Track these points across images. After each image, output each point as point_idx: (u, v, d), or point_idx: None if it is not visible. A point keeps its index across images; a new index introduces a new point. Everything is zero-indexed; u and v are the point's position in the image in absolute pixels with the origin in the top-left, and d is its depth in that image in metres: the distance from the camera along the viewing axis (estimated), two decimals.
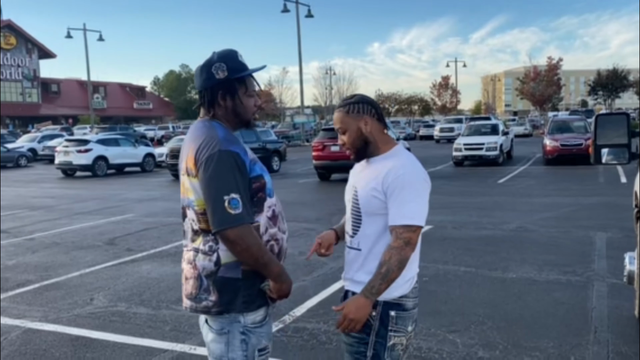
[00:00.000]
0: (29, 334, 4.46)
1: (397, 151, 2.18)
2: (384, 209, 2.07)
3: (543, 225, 8.20)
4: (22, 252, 7.56)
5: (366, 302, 2.01)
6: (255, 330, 2.08)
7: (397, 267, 2.01)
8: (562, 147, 18.02)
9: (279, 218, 2.17)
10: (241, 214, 1.95)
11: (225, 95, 2.10)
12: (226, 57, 2.10)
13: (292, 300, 5.03)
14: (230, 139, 2.04)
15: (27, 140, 32.25)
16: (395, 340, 2.09)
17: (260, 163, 2.13)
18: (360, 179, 2.19)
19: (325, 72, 59.25)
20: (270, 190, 2.13)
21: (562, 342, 3.93)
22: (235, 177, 1.96)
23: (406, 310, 2.11)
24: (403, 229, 2.02)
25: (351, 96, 2.23)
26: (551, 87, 52.60)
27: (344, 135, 2.18)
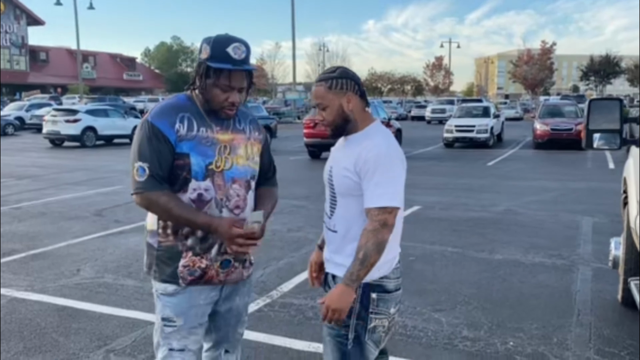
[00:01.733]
0: (14, 304, 4.44)
1: (374, 129, 2.11)
2: (358, 190, 2.02)
3: (530, 209, 8.27)
4: (9, 221, 7.50)
5: (347, 289, 1.96)
6: (162, 297, 2.18)
7: (375, 250, 1.95)
8: (552, 131, 18.10)
9: (209, 204, 2.11)
10: (143, 182, 2.06)
11: (200, 76, 2.10)
12: (217, 42, 2.06)
13: (280, 276, 5.06)
14: (162, 112, 2.10)
15: (15, 108, 31.75)
16: (376, 323, 2.06)
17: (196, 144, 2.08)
18: (336, 158, 2.14)
19: (319, 49, 58.82)
20: (199, 174, 2.08)
21: (546, 324, 3.98)
22: (147, 147, 2.05)
23: (388, 292, 2.07)
24: (378, 211, 1.96)
25: (332, 69, 2.12)
26: (544, 71, 52.69)
27: (323, 112, 2.09)
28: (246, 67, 2.08)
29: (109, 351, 3.58)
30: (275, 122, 21.10)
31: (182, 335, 2.17)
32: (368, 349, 2.07)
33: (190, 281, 2.13)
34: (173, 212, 2.05)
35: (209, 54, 2.05)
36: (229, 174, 2.14)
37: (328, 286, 2.16)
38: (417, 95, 71.99)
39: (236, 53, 2.05)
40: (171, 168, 2.08)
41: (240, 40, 2.08)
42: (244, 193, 2.19)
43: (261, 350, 3.60)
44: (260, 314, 4.22)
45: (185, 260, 2.12)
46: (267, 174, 2.37)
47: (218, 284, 2.20)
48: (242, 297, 2.33)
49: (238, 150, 2.18)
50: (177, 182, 2.10)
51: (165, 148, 2.05)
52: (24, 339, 3.77)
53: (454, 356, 3.51)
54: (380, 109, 17.22)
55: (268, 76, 57.40)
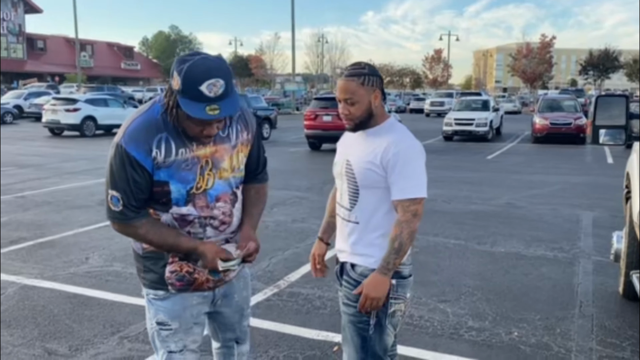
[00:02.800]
0: (26, 290, 4.50)
1: (392, 124, 2.18)
2: (382, 182, 2.10)
3: (531, 202, 8.35)
4: (14, 209, 7.55)
5: (383, 278, 2.07)
6: (154, 302, 2.13)
7: (409, 239, 2.06)
8: (552, 125, 18.17)
9: (192, 223, 2.03)
10: (118, 213, 1.95)
11: (172, 103, 1.90)
12: (188, 77, 1.79)
13: (287, 266, 5.13)
14: (137, 137, 1.90)
15: (13, 96, 31.63)
16: (395, 307, 2.16)
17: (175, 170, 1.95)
18: (353, 152, 2.17)
19: (318, 40, 58.61)
20: (180, 200, 1.99)
21: (549, 315, 4.07)
22: (120, 176, 1.91)
23: (404, 277, 2.17)
24: (409, 202, 2.07)
25: (360, 65, 2.14)
26: (542, 65, 52.68)
27: (351, 107, 2.10)
28: (221, 114, 1.85)
29: (122, 337, 3.65)
30: (275, 113, 21.09)
31: (180, 337, 2.14)
32: (388, 332, 2.18)
33: (180, 287, 2.08)
34: (154, 242, 2.00)
35: (180, 87, 1.82)
36: (212, 193, 2.04)
37: (347, 275, 2.21)
38: (415, 88, 71.97)
39: (211, 91, 1.80)
40: (150, 193, 1.97)
41: (216, 74, 1.81)
42: (229, 208, 2.10)
43: (271, 338, 3.67)
44: (269, 303, 4.30)
45: (172, 266, 2.06)
46: (256, 170, 2.26)
47: (209, 290, 2.15)
48: (240, 293, 2.30)
49: (221, 164, 2.05)
50: (157, 204, 2.01)
51: (141, 177, 1.92)
52: (39, 325, 3.84)
53: (460, 345, 3.59)
54: None
55: (267, 67, 57.21)
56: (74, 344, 3.56)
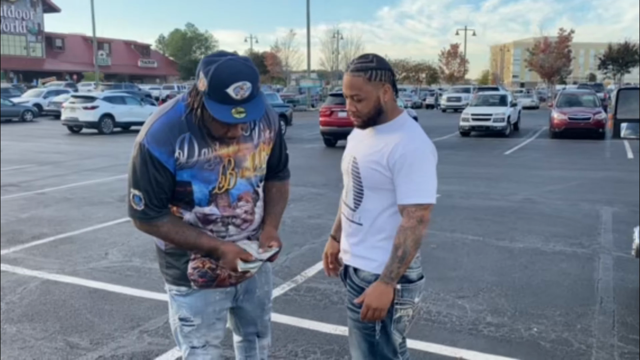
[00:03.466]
0: (47, 285, 4.57)
1: (403, 121, 2.05)
2: (389, 184, 1.99)
3: (549, 198, 8.27)
4: (35, 205, 7.66)
5: (386, 288, 1.96)
6: (177, 298, 2.14)
7: (414, 247, 1.95)
8: (570, 120, 17.95)
9: (215, 223, 2.04)
10: (140, 212, 1.96)
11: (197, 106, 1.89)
12: (216, 79, 1.78)
13: (304, 262, 5.15)
14: (160, 137, 1.89)
15: (33, 95, 32.11)
16: (401, 313, 2.06)
17: (197, 170, 1.95)
18: (360, 149, 2.07)
19: (333, 36, 58.45)
20: (202, 200, 1.99)
21: (569, 311, 4.03)
22: (143, 175, 1.91)
23: (411, 281, 2.06)
24: (415, 207, 1.94)
25: (368, 58, 1.99)
26: (561, 59, 51.93)
27: (358, 104, 1.98)
28: (247, 118, 1.83)
29: (142, 332, 3.69)
30: (290, 110, 21.17)
31: (202, 333, 2.15)
32: (394, 337, 2.09)
33: (202, 284, 2.08)
34: (175, 240, 2.01)
35: (206, 89, 1.80)
36: (234, 192, 2.04)
37: (350, 279, 2.13)
38: (431, 84, 71.56)
39: (238, 94, 1.79)
40: (172, 193, 1.98)
41: (243, 77, 1.79)
42: (251, 206, 2.10)
43: (290, 332, 3.69)
44: (287, 297, 4.31)
45: (195, 262, 2.06)
46: (277, 168, 2.25)
47: (230, 285, 2.15)
48: (261, 288, 2.31)
49: (243, 163, 2.04)
50: (180, 203, 2.02)
51: (163, 177, 1.92)
52: (60, 319, 3.90)
53: (479, 341, 3.57)
54: None
55: (282, 64, 57.23)
56: (94, 338, 3.61)
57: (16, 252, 5.49)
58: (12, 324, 3.83)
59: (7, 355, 3.38)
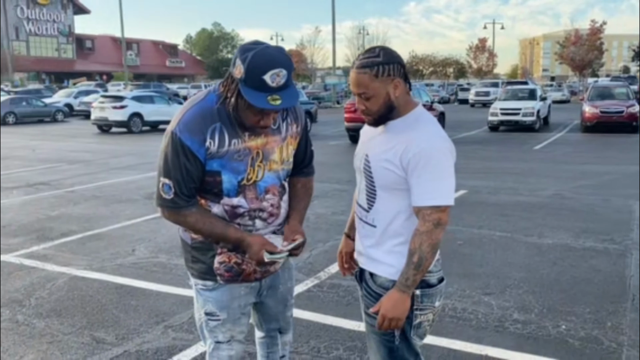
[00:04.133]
0: (75, 281, 4.65)
1: (418, 117, 1.92)
2: (403, 184, 1.87)
3: (580, 193, 8.08)
4: (64, 203, 7.81)
5: (403, 296, 1.86)
6: (203, 292, 2.14)
7: (431, 253, 1.84)
8: (602, 114, 17.54)
9: (242, 217, 2.04)
10: (169, 201, 1.97)
11: (232, 93, 1.89)
12: (253, 66, 1.79)
13: (327, 258, 5.13)
14: (191, 126, 1.91)
15: (64, 95, 32.80)
16: (421, 319, 1.97)
17: (227, 160, 1.95)
18: (373, 145, 1.96)
19: (359, 32, 58.30)
20: (231, 191, 1.99)
21: (599, 308, 3.93)
22: (174, 164, 1.92)
23: (431, 286, 1.96)
24: (431, 210, 1.83)
25: (374, 52, 1.86)
26: (592, 51, 50.78)
27: (367, 102, 1.88)
28: (283, 105, 1.84)
29: (167, 327, 3.72)
30: (315, 107, 21.13)
31: (227, 328, 2.16)
32: (414, 342, 2.01)
33: (228, 278, 2.09)
34: (202, 231, 2.01)
35: (243, 76, 1.81)
36: (262, 185, 2.04)
37: (366, 284, 2.04)
38: (459, 78, 70.74)
39: (274, 81, 1.80)
40: (201, 183, 1.98)
41: (280, 64, 1.80)
42: (277, 200, 2.10)
43: (312, 328, 3.67)
44: (310, 294, 4.30)
45: (221, 257, 2.07)
46: (303, 163, 2.25)
47: (255, 280, 2.16)
48: (284, 284, 2.30)
49: (271, 155, 2.05)
50: (208, 194, 2.02)
51: (193, 166, 1.92)
52: (87, 314, 3.96)
53: (505, 338, 3.50)
54: (422, 92, 17.02)
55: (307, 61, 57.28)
56: (120, 333, 3.65)
57: (46, 249, 5.61)
58: (41, 319, 3.90)
59: (36, 349, 3.45)
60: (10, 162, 12.37)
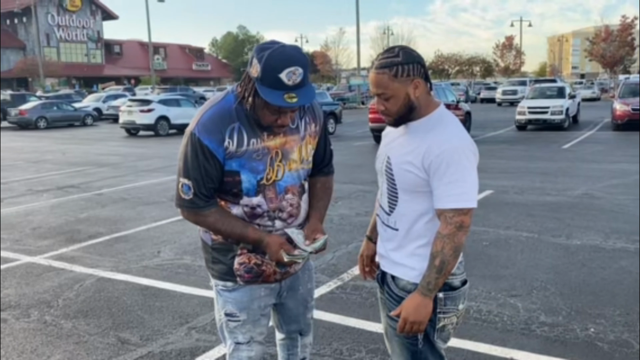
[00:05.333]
0: (102, 282, 4.72)
1: (440, 117, 1.89)
2: (425, 186, 1.85)
3: (610, 192, 7.89)
4: (92, 206, 7.95)
5: (424, 300, 1.84)
6: (223, 293, 2.15)
7: (453, 256, 1.81)
8: (634, 111, 17.09)
9: (261, 217, 2.04)
10: (189, 201, 1.98)
11: (249, 93, 1.90)
12: (269, 64, 1.80)
13: (350, 259, 5.10)
14: (210, 126, 1.92)
15: (93, 100, 33.46)
16: (444, 322, 1.94)
17: (246, 160, 1.96)
18: (394, 147, 1.95)
19: (383, 32, 58.10)
20: (250, 190, 1.99)
21: (629, 311, 3.82)
22: (193, 164, 1.93)
23: (454, 289, 1.93)
24: (453, 212, 1.80)
25: (394, 52, 1.84)
26: (624, 48, 49.70)
27: (386, 102, 1.86)
28: (299, 102, 1.84)
29: (190, 328, 3.75)
30: (340, 108, 21.07)
31: (247, 329, 2.16)
32: (438, 345, 1.99)
33: (248, 279, 2.09)
34: (222, 231, 2.02)
35: (260, 74, 1.82)
36: (282, 184, 2.04)
37: (388, 287, 2.02)
38: (486, 77, 69.89)
39: (290, 79, 1.81)
40: (220, 184, 1.99)
41: (296, 62, 1.81)
42: (297, 200, 2.10)
43: (335, 330, 3.66)
44: (333, 295, 4.29)
45: (241, 258, 2.07)
46: (322, 162, 2.25)
47: (275, 282, 2.16)
48: (304, 285, 2.30)
49: (291, 155, 2.05)
50: (227, 195, 2.02)
51: (212, 166, 1.93)
52: (113, 315, 4.01)
53: (531, 341, 3.43)
54: (447, 91, 16.86)
55: (332, 62, 57.33)
56: (144, 334, 3.69)
57: (74, 250, 5.71)
58: (68, 319, 3.97)
59: (62, 349, 3.51)
60: (41, 165, 12.65)
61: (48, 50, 57.63)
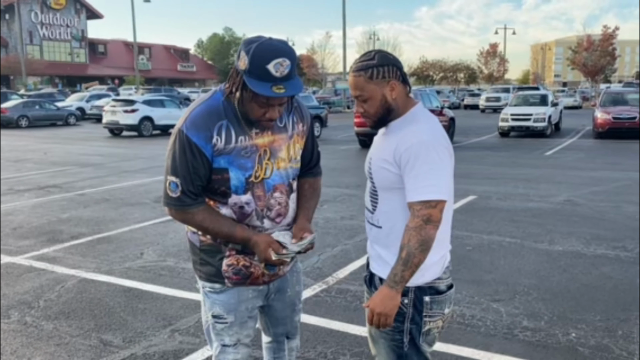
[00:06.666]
0: (84, 283, 4.67)
1: (415, 114, 1.92)
2: (400, 183, 1.86)
3: (592, 199, 8.00)
4: (74, 206, 7.86)
5: (391, 292, 1.83)
6: (210, 295, 2.13)
7: (419, 249, 1.79)
8: (614, 120, 17.38)
9: (250, 217, 2.04)
10: (176, 199, 1.96)
11: (237, 86, 1.91)
12: (257, 55, 1.81)
13: (336, 263, 5.11)
14: (199, 123, 1.92)
15: (76, 99, 33.11)
16: (430, 325, 1.96)
17: (234, 157, 1.96)
18: (375, 147, 2.00)
19: (369, 37, 58.27)
20: (239, 188, 1.99)
21: (610, 316, 3.88)
22: (181, 162, 1.92)
23: (441, 293, 1.95)
24: (421, 205, 1.79)
25: (370, 55, 1.89)
26: (605, 57, 50.40)
27: (364, 104, 1.91)
28: (287, 93, 1.85)
29: (174, 331, 3.72)
30: (325, 112, 21.12)
31: (234, 331, 2.15)
32: (424, 349, 2.00)
33: (236, 281, 2.09)
34: (209, 229, 2.01)
35: (247, 66, 1.83)
36: (270, 182, 2.04)
37: (375, 287, 2.02)
38: (470, 84, 70.49)
39: (278, 70, 1.82)
40: (208, 182, 1.98)
41: (283, 54, 1.83)
42: (285, 199, 2.10)
43: (319, 334, 3.65)
44: (317, 299, 4.28)
45: (229, 260, 2.07)
46: (310, 163, 2.26)
47: (263, 284, 2.16)
48: (292, 288, 2.30)
49: (279, 153, 2.06)
50: (216, 194, 2.02)
51: (200, 164, 1.93)
52: (95, 317, 3.97)
53: (514, 346, 3.46)
54: (432, 97, 16.98)
55: (318, 66, 57.34)
56: (127, 336, 3.65)
57: (56, 251, 5.64)
58: (49, 320, 3.92)
59: (43, 351, 3.46)
60: (22, 164, 12.49)
61: (31, 48, 56.89)
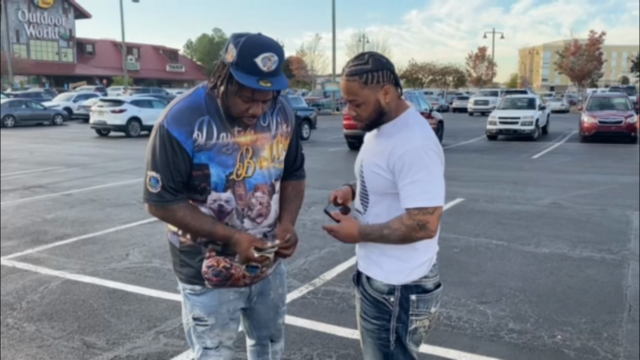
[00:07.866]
0: (68, 285, 4.61)
1: (407, 119, 1.92)
2: (393, 188, 1.87)
3: (578, 202, 8.06)
4: (60, 206, 7.78)
5: (357, 237, 1.94)
6: (190, 297, 2.11)
7: (397, 240, 1.87)
8: (601, 124, 17.55)
9: (230, 215, 2.01)
10: (156, 195, 1.93)
11: (222, 80, 1.89)
12: (245, 48, 1.81)
13: (323, 265, 5.09)
14: (180, 118, 1.90)
15: (63, 99, 32.81)
16: (417, 324, 1.96)
17: (215, 153, 1.94)
18: (367, 150, 2.00)
19: (359, 40, 58.43)
20: (219, 185, 1.97)
21: (595, 319, 3.90)
22: (161, 157, 1.90)
23: (427, 291, 1.96)
24: (418, 211, 1.82)
25: (363, 59, 1.87)
26: (591, 62, 50.88)
27: (358, 108, 1.90)
28: (273, 87, 1.85)
29: (158, 332, 3.68)
30: (314, 114, 21.10)
31: (216, 333, 2.12)
32: (410, 348, 2.00)
33: (216, 283, 2.06)
34: (190, 227, 1.98)
35: (235, 59, 1.82)
36: (251, 182, 2.02)
37: (362, 287, 2.04)
38: (459, 87, 70.84)
39: (265, 65, 1.81)
40: (188, 178, 1.95)
41: (271, 49, 1.83)
42: (267, 200, 2.08)
43: (306, 336, 3.63)
44: (304, 300, 4.26)
45: (209, 261, 2.04)
46: (294, 166, 2.25)
47: (244, 286, 2.13)
48: (276, 290, 2.28)
49: (261, 152, 2.04)
50: (196, 191, 1.99)
51: (181, 159, 1.90)
52: (79, 318, 3.92)
53: (500, 348, 3.47)
54: (421, 100, 17.04)
55: (307, 68, 57.36)
56: (111, 338, 3.61)
57: (40, 252, 5.57)
58: (32, 322, 3.86)
59: (25, 353, 3.41)
60: (7, 164, 12.34)
61: (17, 47, 56.32)
